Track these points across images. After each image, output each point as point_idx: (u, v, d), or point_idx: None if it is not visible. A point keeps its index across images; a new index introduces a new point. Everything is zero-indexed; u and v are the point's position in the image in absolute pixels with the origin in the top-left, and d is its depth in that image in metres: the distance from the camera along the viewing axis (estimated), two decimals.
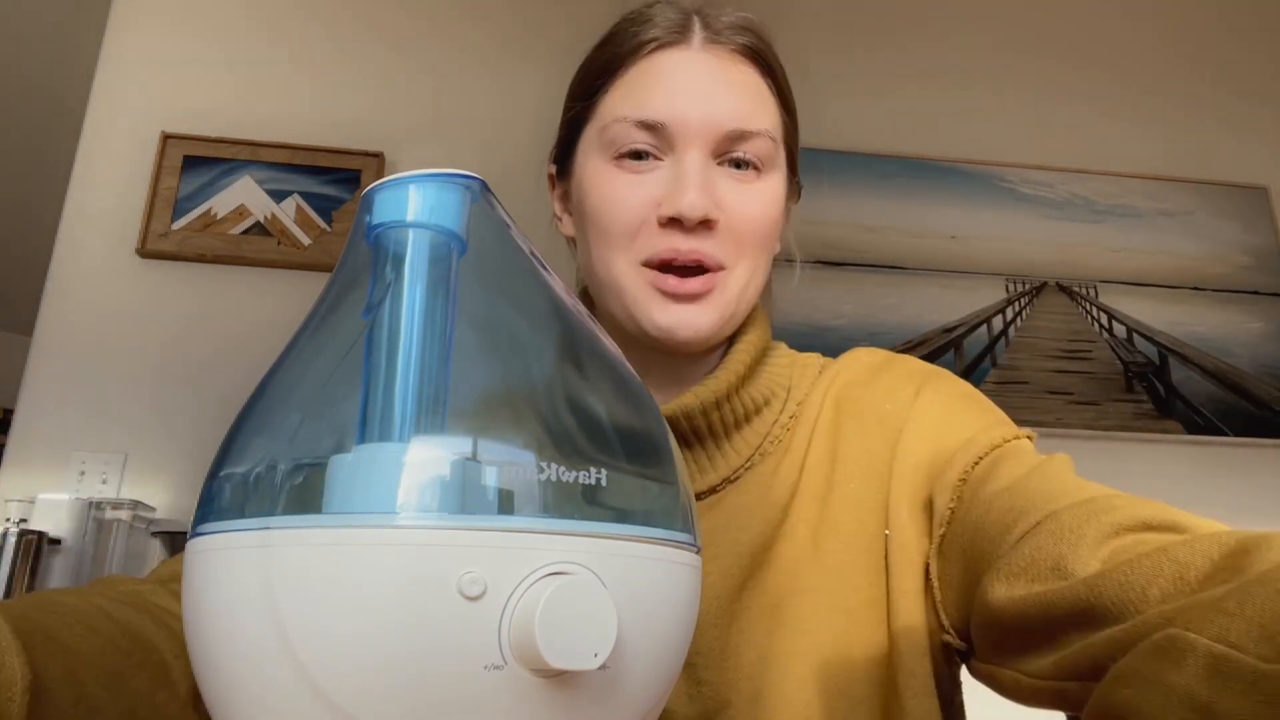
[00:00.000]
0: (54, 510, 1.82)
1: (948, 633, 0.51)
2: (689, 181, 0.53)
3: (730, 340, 0.60)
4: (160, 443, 1.98)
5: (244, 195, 2.19)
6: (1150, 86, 2.72)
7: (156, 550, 1.92)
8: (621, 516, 0.28)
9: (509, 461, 0.27)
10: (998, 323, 2.42)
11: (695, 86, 0.55)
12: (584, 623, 0.25)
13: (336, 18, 2.37)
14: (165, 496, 1.96)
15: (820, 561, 0.54)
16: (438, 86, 2.36)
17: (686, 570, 0.30)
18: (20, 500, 1.84)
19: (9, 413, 2.04)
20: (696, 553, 0.32)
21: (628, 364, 0.34)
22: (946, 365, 2.29)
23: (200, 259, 2.11)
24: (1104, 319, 2.48)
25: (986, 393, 0.63)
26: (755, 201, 0.56)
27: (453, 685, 0.24)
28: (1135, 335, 2.47)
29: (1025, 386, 2.32)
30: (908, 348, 2.30)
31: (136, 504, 1.90)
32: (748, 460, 0.58)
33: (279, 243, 2.16)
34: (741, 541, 0.54)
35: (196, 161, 2.18)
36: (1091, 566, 0.38)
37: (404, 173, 0.32)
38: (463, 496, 0.26)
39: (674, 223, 0.53)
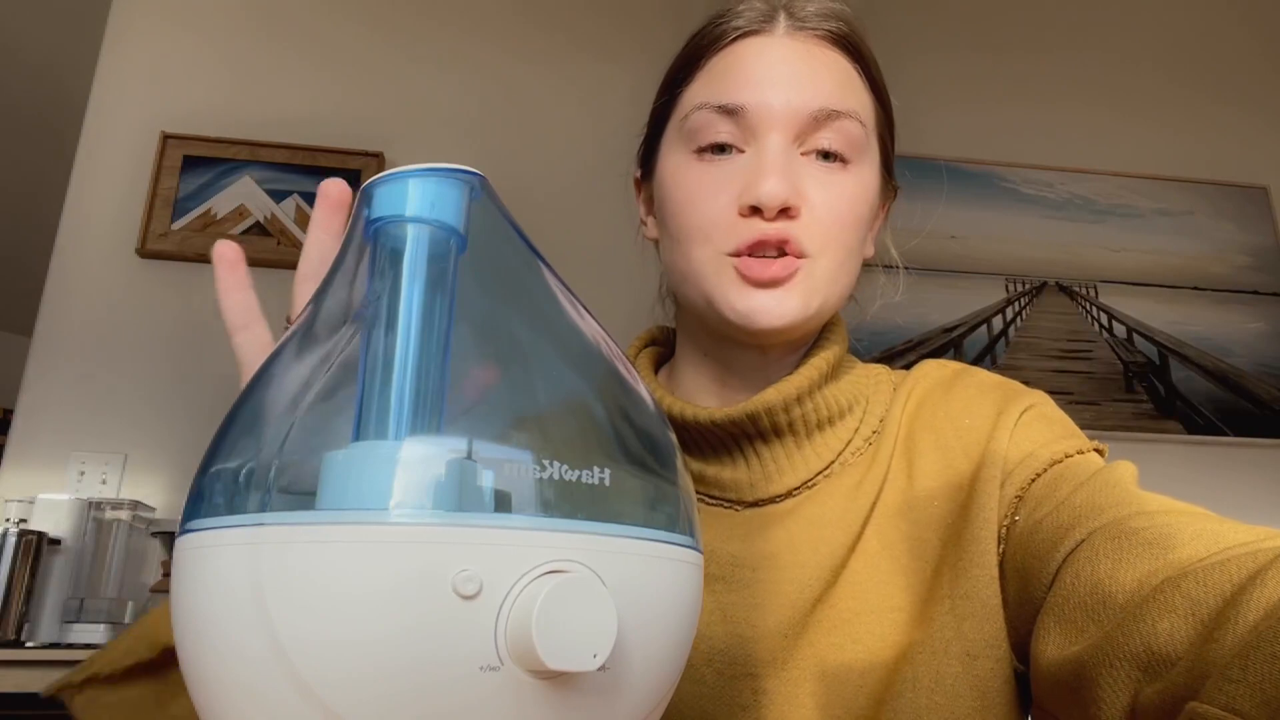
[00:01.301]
0: (54, 510, 1.82)
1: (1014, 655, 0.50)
2: (769, 167, 0.51)
3: (812, 342, 0.59)
4: (160, 443, 1.98)
5: (244, 195, 2.18)
6: (1150, 87, 2.72)
7: (156, 550, 1.92)
8: (622, 516, 0.28)
9: (506, 460, 0.26)
10: (998, 322, 2.41)
11: (778, 69, 0.53)
12: (583, 622, 0.24)
13: (336, 18, 2.37)
14: (165, 497, 1.96)
15: (895, 579, 0.53)
16: (437, 86, 2.36)
17: (689, 569, 0.30)
18: (20, 500, 1.84)
19: (9, 413, 2.04)
20: (699, 553, 0.32)
21: (630, 364, 0.34)
22: None
23: (200, 259, 2.11)
24: (1104, 319, 2.48)
25: None
26: (841, 194, 0.53)
27: (447, 686, 0.24)
28: (1135, 335, 2.47)
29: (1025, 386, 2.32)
30: (908, 348, 2.30)
31: (136, 504, 1.90)
32: (827, 466, 0.56)
33: (279, 243, 2.16)
34: (821, 553, 0.53)
35: (196, 161, 2.18)
36: (1116, 600, 0.39)
37: (404, 167, 0.32)
38: (459, 494, 0.25)
39: (755, 211, 0.51)
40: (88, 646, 1.63)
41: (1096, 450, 0.53)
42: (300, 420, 0.28)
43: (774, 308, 0.52)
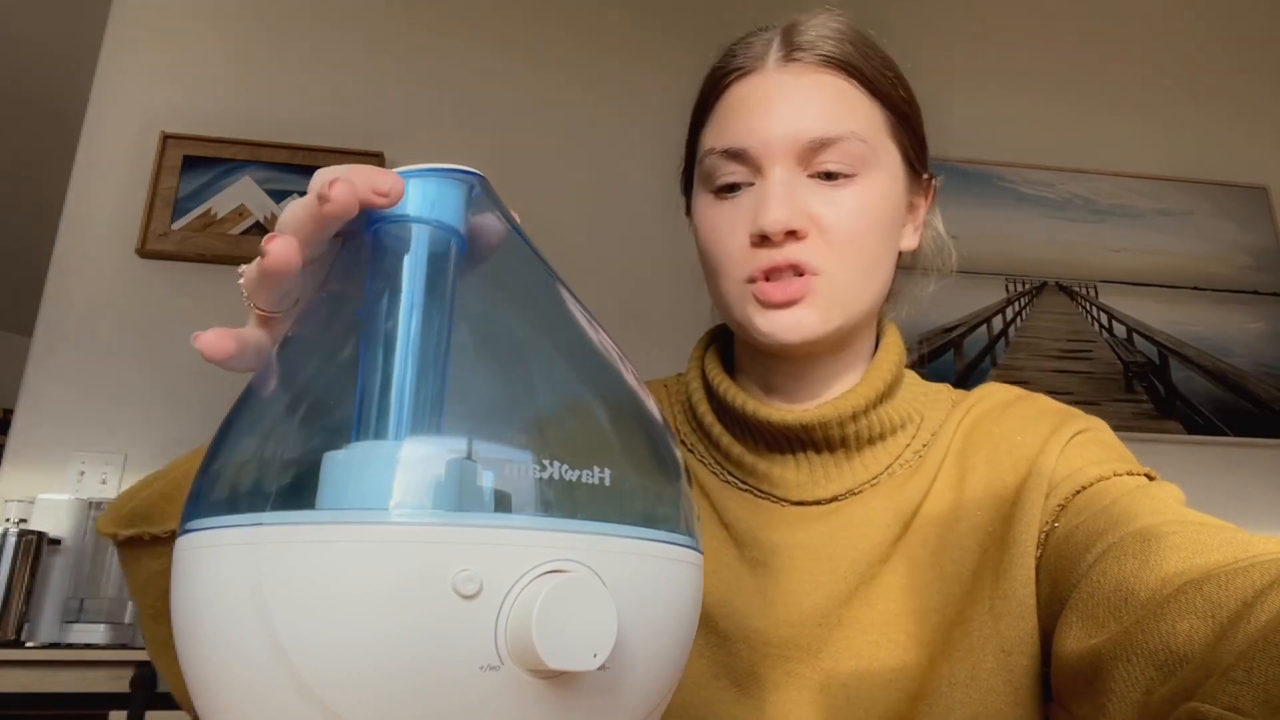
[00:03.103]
0: (54, 510, 1.82)
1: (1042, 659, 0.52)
2: (770, 197, 0.54)
3: (854, 351, 0.62)
4: (160, 443, 1.98)
5: (244, 195, 2.18)
6: (1150, 86, 2.72)
7: None
8: (622, 516, 0.28)
9: (507, 460, 0.26)
10: (998, 323, 2.41)
11: (770, 106, 0.56)
12: (583, 622, 0.24)
13: (337, 18, 2.37)
14: None
15: (933, 585, 0.55)
16: (437, 86, 2.36)
17: (689, 569, 0.30)
18: (20, 500, 1.84)
19: (9, 413, 2.04)
20: (699, 553, 0.32)
21: (630, 364, 0.34)
22: (946, 365, 2.29)
23: (200, 259, 2.11)
24: (1104, 319, 2.48)
25: None
26: (850, 209, 0.55)
27: (448, 686, 0.24)
28: (1135, 335, 2.47)
29: (1025, 387, 2.31)
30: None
31: None
32: (873, 478, 0.59)
33: None
34: (859, 548, 0.56)
35: (196, 161, 2.18)
36: (1138, 597, 0.40)
37: (405, 167, 0.32)
38: (459, 494, 0.25)
39: (764, 240, 0.55)
40: (88, 646, 1.63)
41: (1146, 475, 0.55)
42: (300, 420, 0.28)
43: (792, 324, 0.55)
